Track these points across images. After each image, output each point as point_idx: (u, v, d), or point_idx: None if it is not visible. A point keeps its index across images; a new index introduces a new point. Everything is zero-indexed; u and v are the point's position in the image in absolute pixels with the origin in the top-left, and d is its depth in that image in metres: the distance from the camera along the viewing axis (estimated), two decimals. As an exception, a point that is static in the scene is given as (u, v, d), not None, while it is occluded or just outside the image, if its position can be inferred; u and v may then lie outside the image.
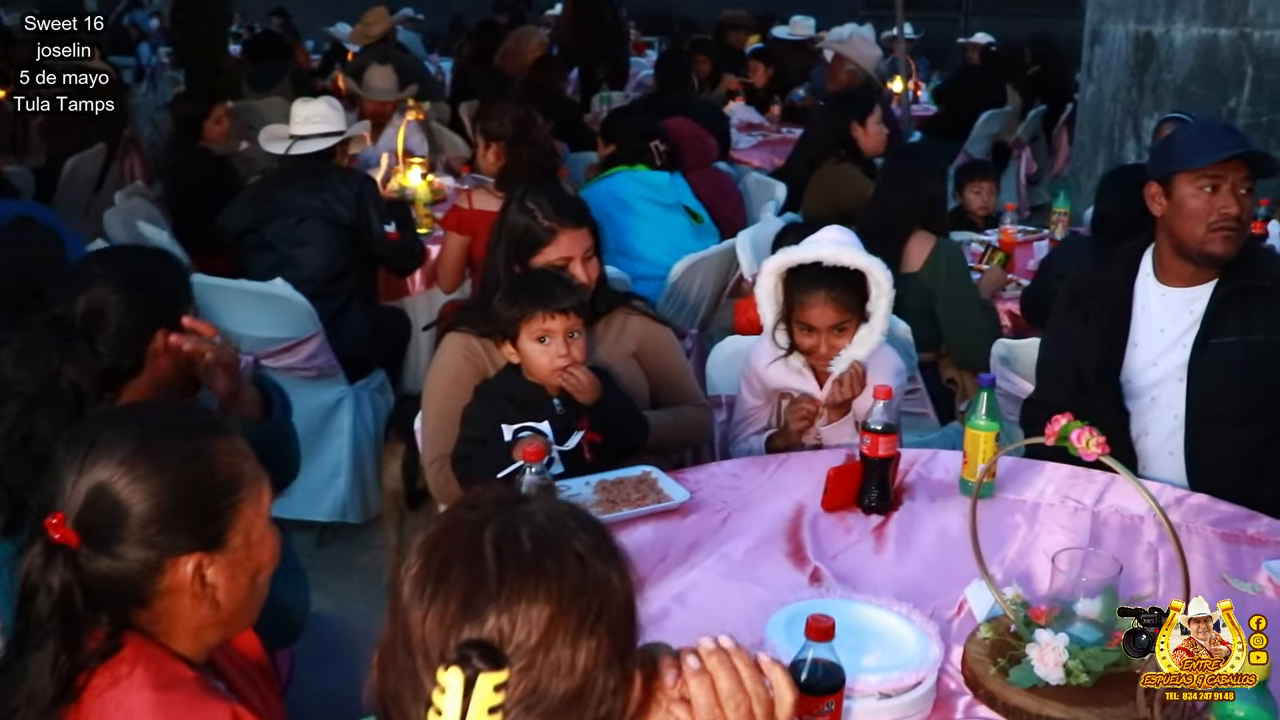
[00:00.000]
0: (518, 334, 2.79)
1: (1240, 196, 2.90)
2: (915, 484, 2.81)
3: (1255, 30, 7.29)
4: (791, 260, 3.11)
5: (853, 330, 3.09)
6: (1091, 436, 1.93)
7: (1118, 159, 7.99)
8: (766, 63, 9.89)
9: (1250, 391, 2.96)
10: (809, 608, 2.06)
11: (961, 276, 4.19)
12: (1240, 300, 2.97)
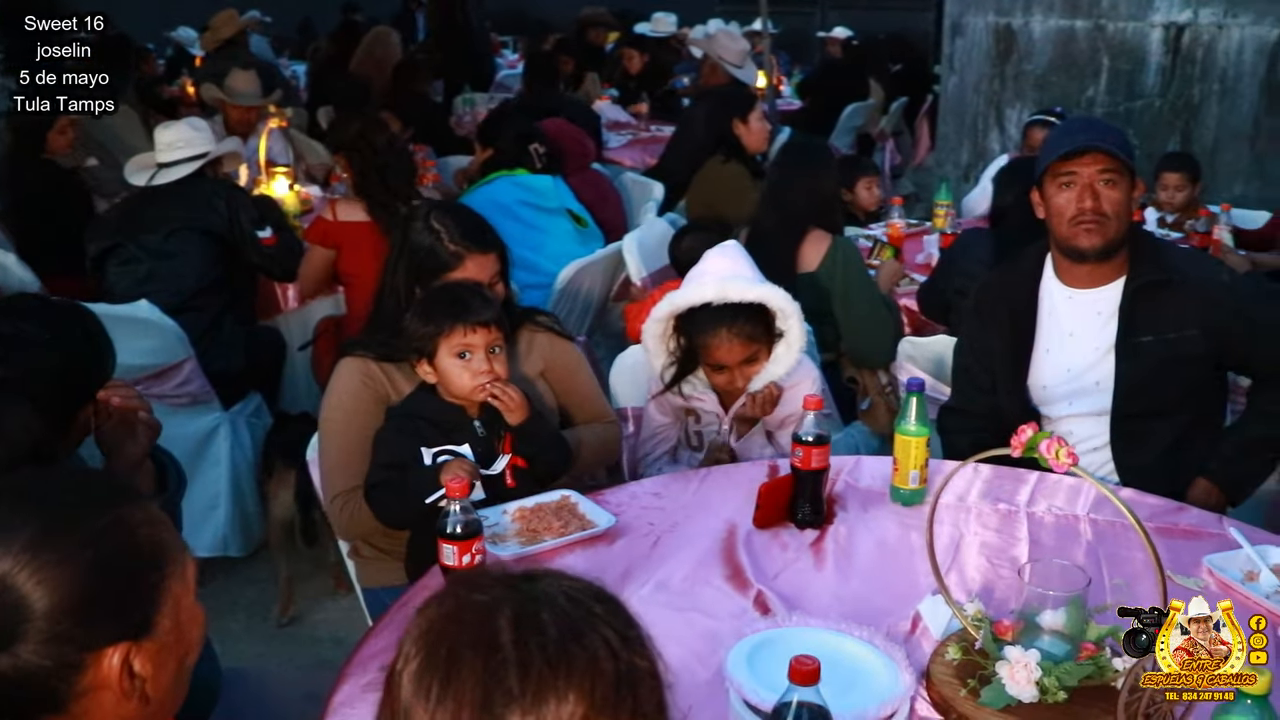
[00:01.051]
0: (435, 351, 2.63)
1: (1098, 189, 2.88)
2: (845, 494, 2.73)
3: (1109, 22, 7.44)
4: (679, 306, 3.02)
5: (764, 357, 3.01)
6: (1061, 447, 1.86)
7: (982, 149, 8.10)
8: (641, 49, 9.80)
9: (1171, 386, 2.96)
10: (767, 640, 1.96)
11: (860, 274, 4.13)
12: (1149, 297, 2.95)
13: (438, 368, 2.64)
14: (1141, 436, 2.96)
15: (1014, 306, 3.10)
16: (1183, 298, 2.93)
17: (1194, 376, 2.97)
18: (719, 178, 5.37)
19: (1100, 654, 1.89)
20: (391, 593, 2.75)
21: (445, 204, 3.22)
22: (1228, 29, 7.33)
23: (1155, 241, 3.13)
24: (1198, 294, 2.92)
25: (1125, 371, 2.97)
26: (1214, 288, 2.95)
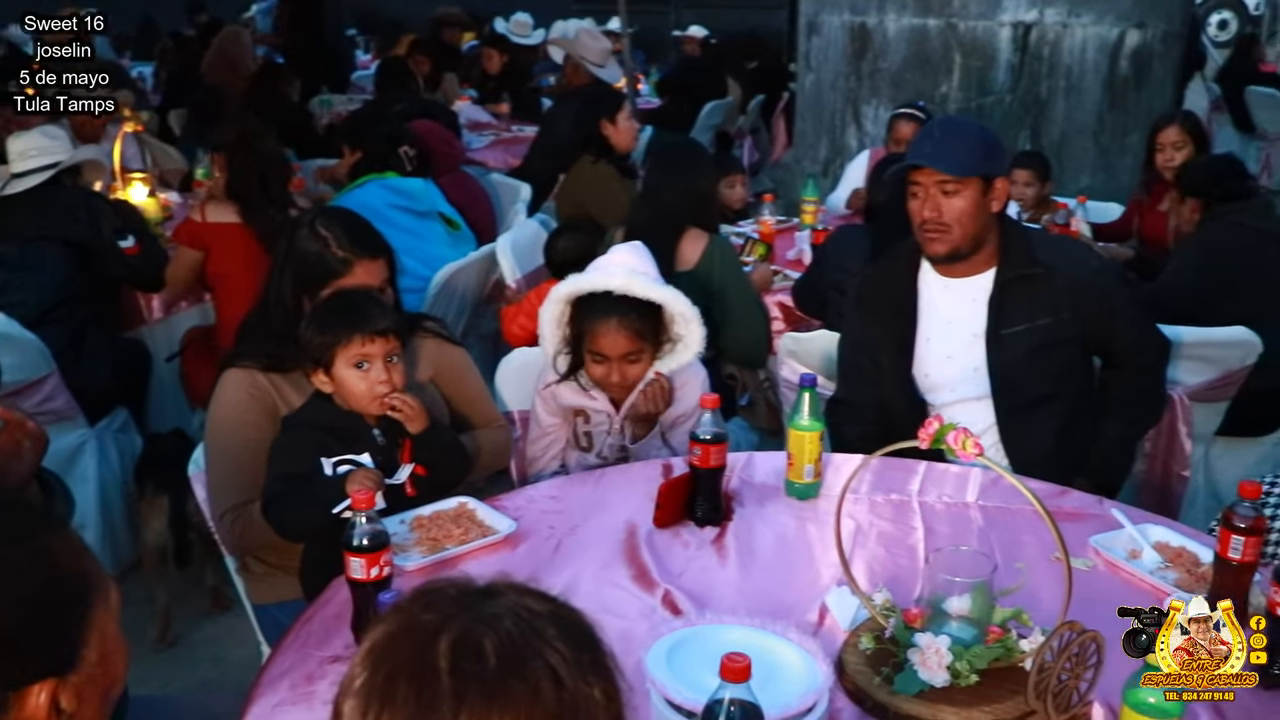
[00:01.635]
0: (333, 361, 2.58)
1: (939, 200, 2.96)
2: (741, 491, 2.76)
3: (960, 21, 7.63)
4: (581, 289, 3.02)
5: (647, 361, 3.03)
6: (968, 438, 1.91)
7: (840, 145, 8.25)
8: (501, 49, 9.75)
9: (1048, 373, 3.06)
10: (684, 639, 1.97)
11: (738, 271, 4.18)
12: (1021, 288, 3.04)
13: (335, 378, 2.59)
14: (1027, 426, 3.06)
15: (895, 296, 3.18)
16: (1054, 285, 3.03)
17: (1069, 360, 3.09)
18: (589, 178, 5.37)
19: (1007, 636, 1.95)
20: (285, 609, 2.71)
21: (330, 210, 3.17)
22: (1072, 28, 7.59)
23: (1026, 233, 3.22)
24: (1068, 280, 3.03)
25: (996, 362, 3.06)
26: (1084, 273, 3.08)
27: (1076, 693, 1.85)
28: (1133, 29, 7.71)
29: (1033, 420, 3.06)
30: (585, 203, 5.20)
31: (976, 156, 2.98)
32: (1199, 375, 3.83)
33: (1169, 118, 5.47)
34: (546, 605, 1.17)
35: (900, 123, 5.49)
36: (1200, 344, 3.74)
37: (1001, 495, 2.74)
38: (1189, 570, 2.38)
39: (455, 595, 1.15)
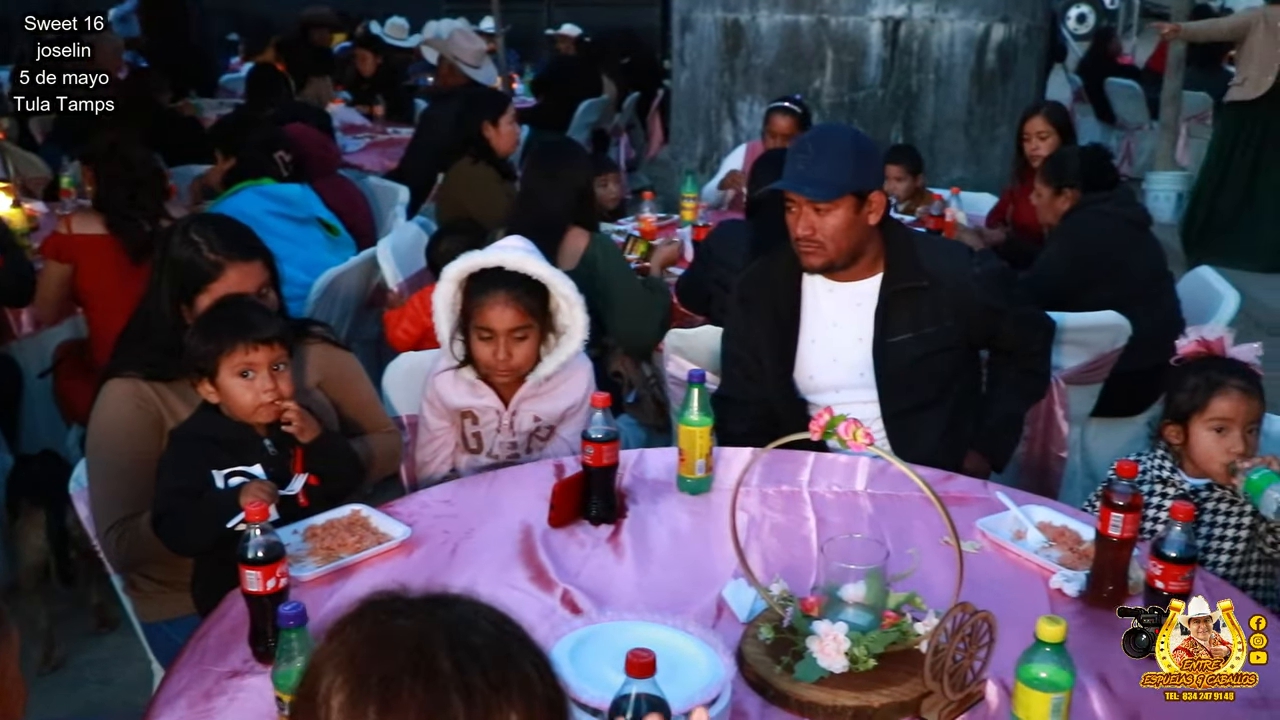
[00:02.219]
0: (217, 370, 2.53)
1: (811, 219, 2.99)
2: (633, 487, 2.78)
3: (831, 17, 7.76)
4: (474, 265, 3.03)
5: (533, 339, 3.04)
6: (859, 428, 1.95)
7: (716, 141, 8.32)
8: (374, 50, 9.63)
9: (933, 378, 3.12)
10: (586, 637, 1.98)
11: (621, 265, 4.22)
12: (906, 299, 3.09)
13: (220, 387, 2.55)
14: (912, 428, 3.11)
15: (778, 297, 3.21)
16: (938, 295, 3.09)
17: (954, 362, 3.15)
18: (469, 179, 5.33)
19: (902, 620, 1.99)
20: (177, 626, 2.66)
21: (205, 215, 3.11)
22: (939, 23, 7.76)
23: (912, 240, 3.21)
24: (952, 291, 3.08)
25: (884, 370, 3.11)
26: (966, 281, 3.11)
27: (971, 671, 1.90)
28: (998, 23, 7.91)
29: (918, 422, 3.11)
30: (466, 204, 5.16)
31: (847, 175, 2.98)
32: (1073, 359, 3.96)
33: (1035, 108, 5.61)
34: (496, 612, 1.18)
35: (776, 117, 5.55)
36: (1073, 329, 3.86)
37: (890, 483, 2.80)
38: (1072, 548, 2.46)
39: (416, 602, 1.15)
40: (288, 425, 2.56)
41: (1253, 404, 2.65)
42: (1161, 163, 10.89)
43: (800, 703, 1.90)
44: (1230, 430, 2.64)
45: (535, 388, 3.09)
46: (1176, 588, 2.05)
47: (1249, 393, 2.65)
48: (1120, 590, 2.25)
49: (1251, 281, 7.56)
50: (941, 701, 1.86)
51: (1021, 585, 2.35)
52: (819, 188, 2.96)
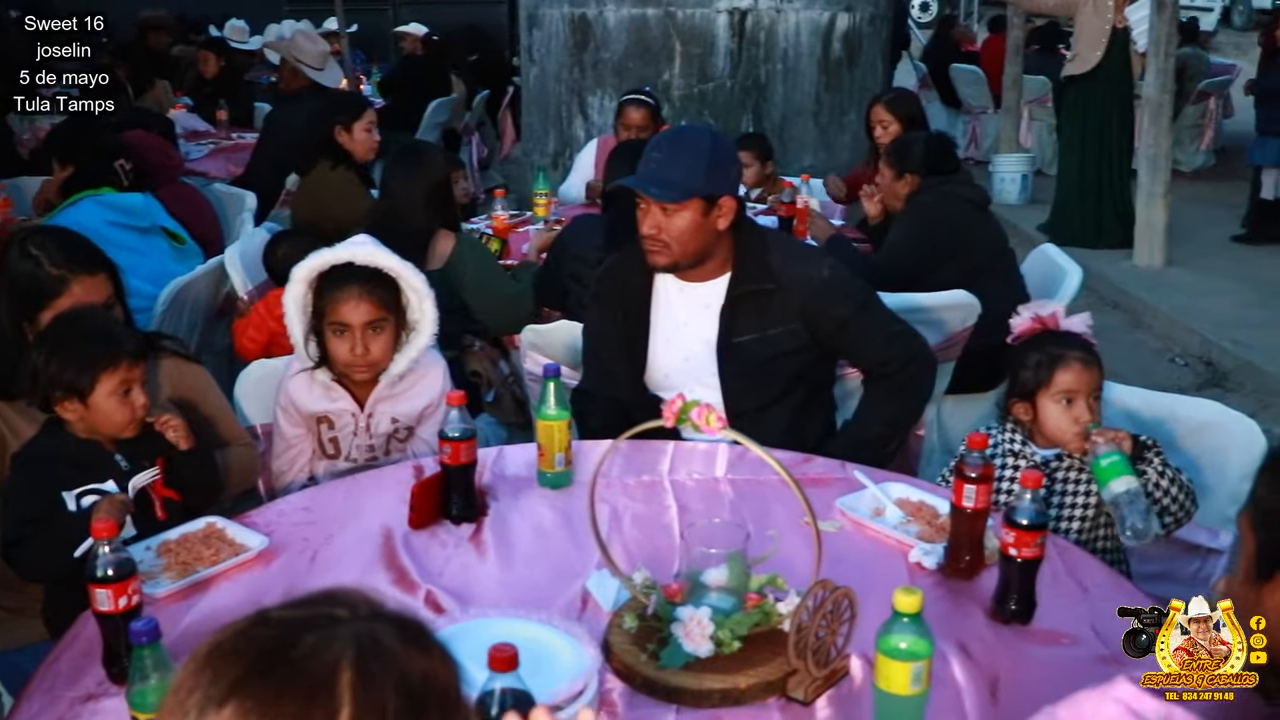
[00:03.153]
0: (92, 389, 2.45)
1: (658, 219, 2.97)
2: (494, 485, 2.75)
3: (678, 9, 7.81)
4: (324, 262, 2.98)
5: (389, 333, 3.00)
6: (711, 412, 1.96)
7: (568, 137, 8.32)
8: (217, 52, 9.40)
9: (779, 379, 3.13)
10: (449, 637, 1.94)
11: (490, 263, 4.24)
12: (753, 300, 3.09)
13: (92, 406, 2.46)
14: (755, 425, 3.09)
15: (629, 295, 3.20)
16: (784, 296, 3.08)
17: (801, 364, 3.14)
18: (328, 183, 5.23)
19: (764, 601, 2.01)
20: (28, 654, 2.55)
21: (43, 228, 3.01)
22: (785, 13, 7.85)
23: (764, 242, 3.17)
24: (797, 291, 3.06)
25: (728, 371, 3.12)
26: (813, 284, 3.08)
27: (834, 647, 1.92)
28: (842, 12, 8.04)
29: (761, 419, 3.11)
30: (326, 209, 5.05)
31: (698, 178, 2.95)
32: (929, 338, 4.02)
33: (877, 97, 5.71)
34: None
35: (629, 109, 5.56)
36: (924, 309, 3.92)
37: (749, 468, 2.82)
38: (929, 522, 2.50)
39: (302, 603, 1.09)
40: (173, 434, 2.50)
41: (1093, 373, 2.71)
42: (1006, 145, 11.21)
43: (667, 689, 1.90)
44: (1076, 400, 2.69)
45: (390, 388, 3.04)
46: (1029, 554, 2.11)
47: (1088, 363, 2.71)
48: (977, 560, 2.30)
49: (1093, 257, 7.82)
50: (807, 679, 1.88)
51: (882, 561, 2.38)
52: (667, 189, 2.95)
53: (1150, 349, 6.96)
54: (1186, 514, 2.63)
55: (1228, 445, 2.88)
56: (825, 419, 3.33)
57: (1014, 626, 2.14)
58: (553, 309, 4.27)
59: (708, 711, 1.88)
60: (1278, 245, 8.53)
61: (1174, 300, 7.37)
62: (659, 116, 5.64)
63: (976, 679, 1.96)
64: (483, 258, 4.22)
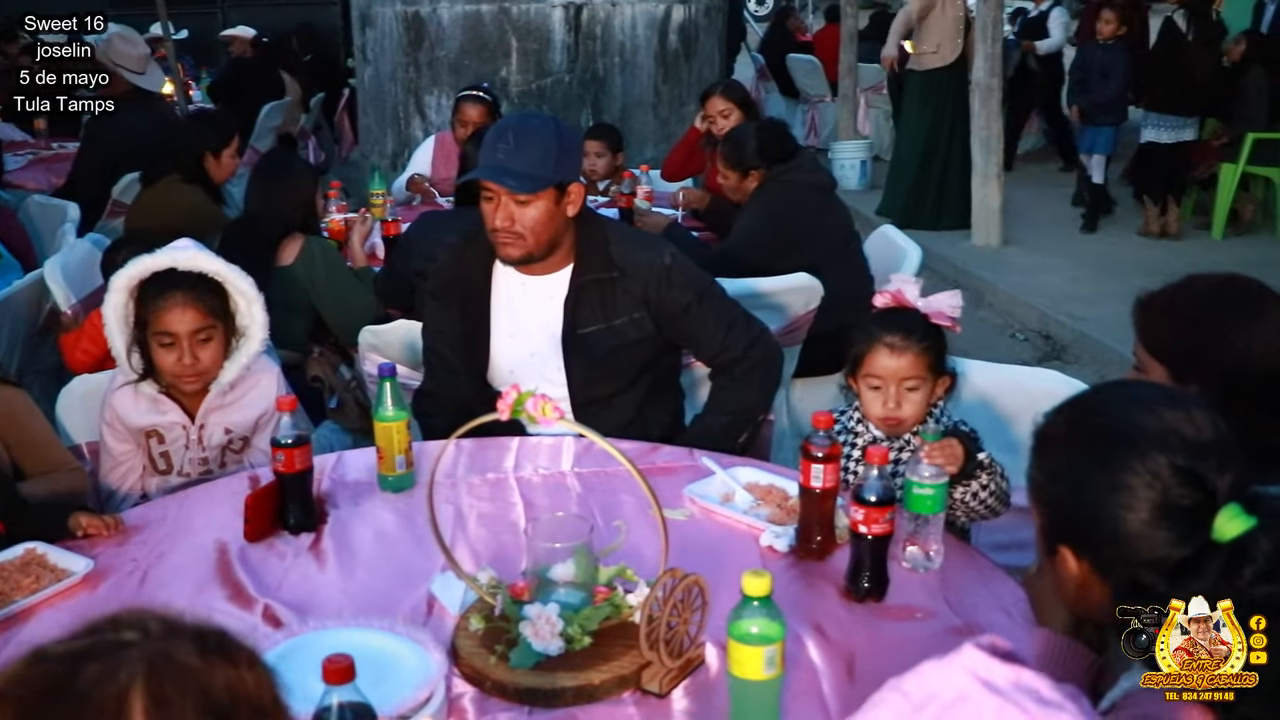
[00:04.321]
0: None
1: (510, 209, 2.89)
2: (333, 491, 2.66)
3: (513, 5, 7.74)
4: (145, 269, 2.84)
5: (219, 341, 2.88)
6: (547, 403, 1.90)
7: (405, 136, 8.19)
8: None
9: (624, 368, 3.07)
10: (287, 652, 1.87)
11: (338, 264, 4.18)
12: (595, 290, 3.04)
13: None
14: (598, 416, 3.03)
15: (468, 290, 3.12)
16: (627, 285, 3.03)
17: (647, 353, 3.09)
18: (178, 197, 5.01)
19: (614, 594, 1.96)
20: None
21: None
22: (620, 6, 7.83)
23: (605, 231, 3.13)
24: (640, 280, 3.02)
25: (573, 363, 3.06)
26: (655, 271, 3.03)
27: (687, 637, 1.88)
28: (677, 4, 8.05)
29: (608, 410, 3.06)
30: (171, 221, 4.82)
31: (549, 167, 2.89)
32: (772, 323, 4.01)
33: (713, 88, 5.71)
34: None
35: (465, 105, 5.48)
36: (766, 293, 3.93)
37: (596, 460, 2.76)
38: (779, 505, 2.48)
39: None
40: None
41: (904, 361, 2.53)
42: (844, 132, 11.38)
43: (519, 690, 1.84)
44: (885, 386, 2.55)
45: (221, 397, 2.92)
46: (879, 530, 2.09)
47: (897, 349, 2.53)
48: (828, 540, 2.28)
49: (934, 239, 7.97)
50: (661, 670, 1.84)
51: (733, 546, 2.35)
52: (521, 180, 2.87)
53: (992, 325, 7.11)
54: (992, 515, 2.52)
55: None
56: (673, 409, 3.29)
57: (868, 604, 2.12)
58: (399, 308, 4.18)
59: (562, 710, 1.82)
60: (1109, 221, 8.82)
61: (1012, 278, 7.54)
62: (497, 112, 5.57)
63: (833, 659, 1.94)
64: (333, 261, 4.14)
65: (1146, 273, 7.11)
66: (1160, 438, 1.45)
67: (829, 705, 1.82)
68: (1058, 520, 1.56)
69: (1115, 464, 1.45)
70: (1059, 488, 1.54)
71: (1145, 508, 1.44)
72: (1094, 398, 1.67)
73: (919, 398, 2.56)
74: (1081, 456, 1.50)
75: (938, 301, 2.62)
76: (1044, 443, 1.58)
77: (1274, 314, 2.04)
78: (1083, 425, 1.55)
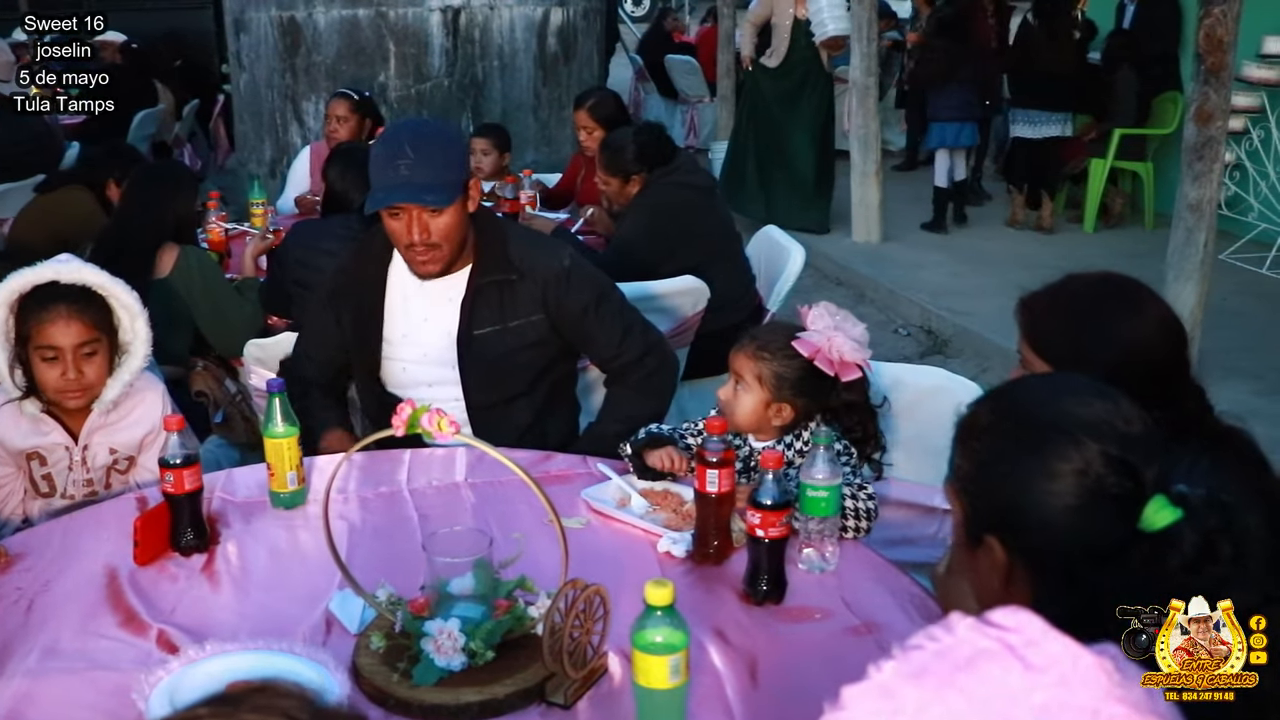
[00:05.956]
0: None
1: (425, 220, 2.86)
2: (223, 510, 2.61)
3: (390, 9, 7.67)
4: (26, 283, 2.78)
5: (104, 356, 2.82)
6: (442, 418, 1.89)
7: (283, 144, 8.08)
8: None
9: (521, 372, 3.07)
10: (184, 678, 1.83)
11: (216, 275, 4.12)
12: (493, 291, 3.02)
13: None
14: (496, 421, 3.03)
15: (363, 293, 3.09)
16: (525, 286, 3.02)
17: (544, 357, 3.09)
18: (60, 204, 4.90)
19: (515, 606, 1.96)
20: None
21: None
22: (498, 9, 7.80)
23: (504, 231, 3.13)
24: (539, 281, 3.02)
25: (468, 364, 3.04)
26: (553, 273, 3.04)
27: (590, 647, 1.89)
28: (555, 7, 8.04)
29: (503, 416, 3.06)
30: (55, 226, 4.70)
31: (453, 173, 2.87)
32: (661, 325, 4.03)
33: (579, 101, 5.64)
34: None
35: (332, 102, 5.54)
36: (655, 295, 3.95)
37: (489, 470, 2.76)
38: (675, 510, 2.50)
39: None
40: None
41: (739, 357, 2.57)
42: (723, 132, 11.47)
43: (423, 707, 1.83)
44: (731, 379, 2.60)
45: (104, 416, 2.85)
46: (776, 533, 2.12)
47: (742, 345, 2.59)
48: (725, 544, 2.31)
49: (816, 238, 8.08)
50: (565, 681, 1.84)
51: (631, 553, 2.37)
52: (438, 193, 2.84)
53: (875, 321, 7.22)
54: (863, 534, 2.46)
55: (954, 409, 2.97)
56: (569, 418, 3.29)
57: (767, 607, 2.15)
58: (280, 317, 4.13)
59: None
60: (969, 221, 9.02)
61: (892, 274, 7.68)
62: (369, 109, 5.55)
63: (735, 663, 1.96)
64: (211, 274, 4.07)
65: (1023, 266, 7.32)
66: (1093, 426, 1.47)
67: (733, 709, 1.84)
68: (985, 509, 1.55)
69: (1048, 451, 1.47)
70: (988, 476, 1.54)
71: (1077, 495, 1.45)
72: (1023, 387, 1.71)
73: (746, 401, 2.57)
74: (1012, 444, 1.51)
75: (821, 337, 2.52)
76: (969, 432, 1.58)
77: (1152, 309, 2.11)
78: (1012, 414, 1.56)
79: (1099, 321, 2.09)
